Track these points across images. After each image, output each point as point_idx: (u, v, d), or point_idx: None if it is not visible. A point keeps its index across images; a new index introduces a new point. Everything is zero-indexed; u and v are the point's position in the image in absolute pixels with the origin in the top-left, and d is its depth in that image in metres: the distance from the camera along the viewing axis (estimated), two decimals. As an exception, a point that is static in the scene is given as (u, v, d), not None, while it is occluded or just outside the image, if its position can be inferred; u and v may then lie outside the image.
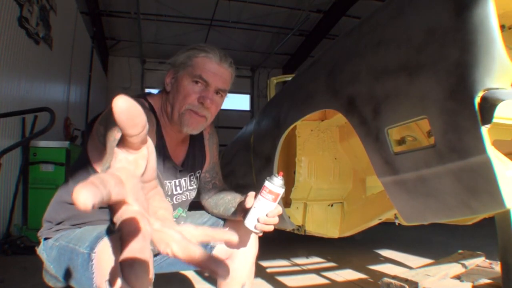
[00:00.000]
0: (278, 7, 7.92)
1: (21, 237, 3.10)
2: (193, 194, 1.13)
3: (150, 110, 0.96)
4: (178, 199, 1.06)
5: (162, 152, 0.99)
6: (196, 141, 1.14)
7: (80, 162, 0.97)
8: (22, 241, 3.01)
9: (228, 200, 1.09)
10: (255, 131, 2.30)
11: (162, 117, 1.01)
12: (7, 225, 3.27)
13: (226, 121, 11.00)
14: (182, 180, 1.07)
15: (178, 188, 1.05)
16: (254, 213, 0.91)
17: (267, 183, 0.91)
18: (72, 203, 0.96)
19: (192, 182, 1.12)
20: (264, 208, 0.90)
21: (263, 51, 9.88)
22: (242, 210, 0.97)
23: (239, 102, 11.67)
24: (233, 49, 9.77)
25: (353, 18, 7.64)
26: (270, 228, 0.91)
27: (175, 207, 1.04)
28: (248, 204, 0.93)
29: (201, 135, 1.17)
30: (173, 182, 1.03)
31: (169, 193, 1.02)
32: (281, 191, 0.91)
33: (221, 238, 0.43)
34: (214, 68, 0.97)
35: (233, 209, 1.05)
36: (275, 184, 0.90)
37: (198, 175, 1.15)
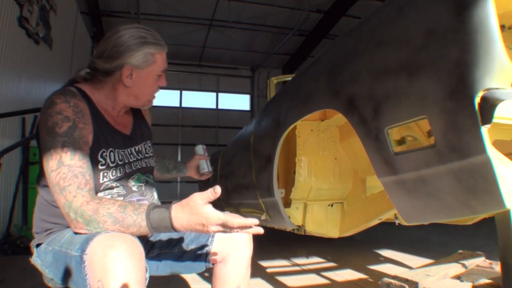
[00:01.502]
0: (278, 7, 7.92)
1: (21, 237, 3.11)
2: (151, 162, 1.19)
3: (82, 97, 1.00)
4: (137, 165, 1.10)
5: (105, 127, 1.03)
6: (137, 116, 1.22)
7: (41, 169, 0.99)
8: (22, 241, 3.01)
9: (175, 165, 1.50)
10: (255, 131, 2.30)
11: (99, 99, 1.05)
12: (7, 225, 3.28)
13: (226, 121, 11.02)
14: (134, 148, 1.12)
15: (131, 156, 1.09)
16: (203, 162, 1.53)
17: (198, 148, 1.56)
18: (49, 206, 0.96)
19: (148, 150, 1.18)
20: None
21: (263, 51, 9.88)
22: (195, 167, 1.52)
23: (239, 102, 11.68)
24: (233, 49, 9.79)
25: (353, 18, 7.65)
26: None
27: (133, 173, 1.08)
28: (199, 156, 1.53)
29: (140, 111, 1.25)
30: (126, 150, 1.08)
31: (126, 161, 1.06)
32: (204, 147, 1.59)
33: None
34: (165, 56, 1.10)
35: (185, 169, 1.52)
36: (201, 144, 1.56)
37: (149, 144, 1.21)
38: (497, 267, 1.83)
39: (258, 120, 2.31)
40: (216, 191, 0.83)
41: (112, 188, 1.00)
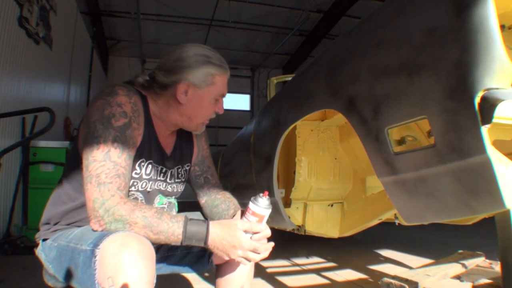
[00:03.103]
0: (278, 7, 7.92)
1: (21, 237, 3.10)
2: (180, 187, 1.13)
3: (140, 99, 0.98)
4: (160, 185, 1.05)
5: (153, 138, 1.01)
6: (183, 134, 1.15)
7: (72, 160, 0.97)
8: (22, 241, 3.01)
9: (222, 210, 1.10)
10: (255, 131, 2.30)
11: (153, 110, 1.02)
12: (7, 225, 3.27)
13: (226, 121, 11.01)
14: (171, 171, 1.08)
15: (162, 175, 1.05)
16: None
17: (250, 205, 0.88)
18: (67, 202, 0.95)
19: (180, 175, 1.12)
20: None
21: (263, 51, 9.89)
22: None
23: (239, 102, 11.69)
24: (233, 49, 9.79)
25: (353, 18, 7.65)
26: (264, 255, 0.91)
27: (155, 192, 1.03)
28: None
29: (189, 132, 1.17)
30: (159, 167, 1.04)
31: (158, 179, 1.03)
32: (266, 212, 0.88)
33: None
34: (227, 81, 1.05)
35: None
36: (259, 206, 0.88)
37: (187, 168, 1.15)
38: (497, 267, 1.83)
39: (258, 120, 2.31)
40: (265, 233, 0.90)
41: (136, 199, 0.98)
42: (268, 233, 0.92)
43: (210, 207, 1.14)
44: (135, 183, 0.96)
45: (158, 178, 1.04)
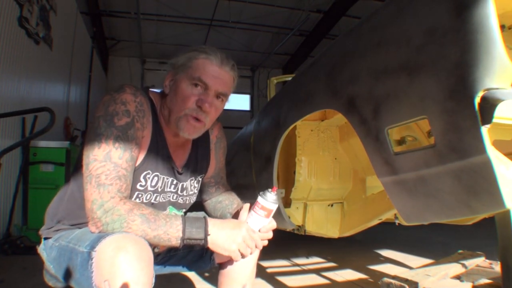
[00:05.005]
0: (278, 7, 7.92)
1: (21, 237, 3.10)
2: (193, 199, 1.11)
3: (147, 100, 0.96)
4: (169, 197, 1.03)
5: (161, 147, 0.98)
6: (200, 145, 1.11)
7: (80, 161, 0.97)
8: (22, 241, 3.01)
9: (225, 205, 1.11)
10: (255, 131, 2.30)
11: (161, 117, 1.00)
12: (7, 225, 3.27)
13: (226, 121, 10.94)
14: (182, 184, 1.05)
15: (172, 187, 1.03)
16: None
17: (259, 199, 0.90)
18: (71, 200, 0.96)
19: (192, 187, 1.09)
20: (257, 224, 0.91)
21: (263, 51, 9.88)
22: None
23: (239, 102, 11.67)
24: (233, 49, 9.78)
25: (353, 18, 7.64)
26: (264, 243, 0.93)
27: (165, 204, 1.02)
28: (241, 218, 0.94)
29: (207, 138, 1.13)
30: (170, 179, 1.01)
31: (166, 190, 1.01)
32: (274, 207, 0.90)
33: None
34: (215, 70, 0.94)
35: (229, 215, 1.07)
36: (268, 200, 0.89)
37: (200, 179, 1.13)
38: (497, 267, 1.83)
39: (258, 120, 2.31)
40: (272, 225, 0.93)
41: None
42: (274, 224, 0.93)
43: (214, 203, 1.16)
44: (139, 195, 0.95)
45: (168, 190, 1.02)
